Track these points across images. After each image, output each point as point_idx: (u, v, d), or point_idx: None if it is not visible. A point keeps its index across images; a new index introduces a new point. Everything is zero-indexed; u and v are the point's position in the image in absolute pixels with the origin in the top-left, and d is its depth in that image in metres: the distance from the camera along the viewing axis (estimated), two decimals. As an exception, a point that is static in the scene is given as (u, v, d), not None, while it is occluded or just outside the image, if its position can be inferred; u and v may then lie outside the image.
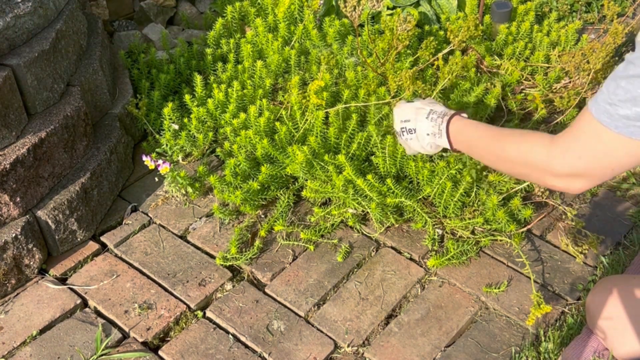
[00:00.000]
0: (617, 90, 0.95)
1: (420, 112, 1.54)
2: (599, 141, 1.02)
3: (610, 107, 0.97)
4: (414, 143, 1.58)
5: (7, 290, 1.58)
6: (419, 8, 2.28)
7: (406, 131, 1.57)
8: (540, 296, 1.43)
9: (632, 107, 0.94)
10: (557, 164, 1.11)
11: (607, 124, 0.99)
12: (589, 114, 1.02)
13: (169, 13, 2.57)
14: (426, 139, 1.53)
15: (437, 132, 1.49)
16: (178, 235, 1.74)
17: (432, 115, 1.51)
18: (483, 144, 1.36)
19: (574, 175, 1.10)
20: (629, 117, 0.95)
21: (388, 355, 1.44)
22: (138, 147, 2.00)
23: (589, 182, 1.10)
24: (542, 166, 1.14)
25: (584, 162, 1.07)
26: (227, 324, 1.51)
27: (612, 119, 0.98)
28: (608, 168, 1.06)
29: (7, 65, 1.53)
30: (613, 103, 0.96)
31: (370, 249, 1.68)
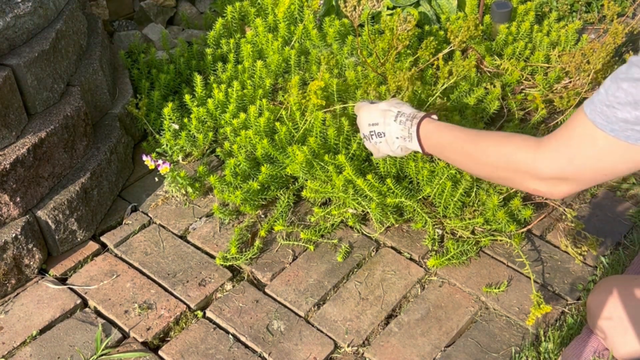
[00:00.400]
0: (618, 92, 0.92)
1: (387, 115, 1.45)
2: (592, 144, 0.98)
3: (608, 109, 0.93)
4: (384, 147, 1.49)
5: (7, 290, 1.58)
6: (419, 8, 2.28)
7: (375, 135, 1.48)
8: (540, 296, 1.43)
9: (633, 111, 0.90)
10: (544, 167, 1.06)
11: (603, 127, 0.95)
12: (584, 115, 0.98)
13: (169, 13, 2.57)
14: (396, 143, 1.45)
15: (407, 136, 1.41)
16: (178, 235, 1.74)
17: (400, 118, 1.42)
18: (458, 147, 1.28)
19: (561, 178, 1.05)
20: (628, 120, 0.91)
21: (388, 355, 1.44)
22: (138, 147, 2.00)
23: (575, 187, 1.06)
24: (526, 169, 1.09)
25: (575, 165, 1.02)
26: (227, 324, 1.51)
27: (608, 122, 0.94)
28: (599, 173, 1.02)
29: (7, 65, 1.53)
30: (611, 105, 0.93)
31: (370, 249, 1.68)
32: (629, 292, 1.34)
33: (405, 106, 1.46)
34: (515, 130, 1.91)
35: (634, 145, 0.93)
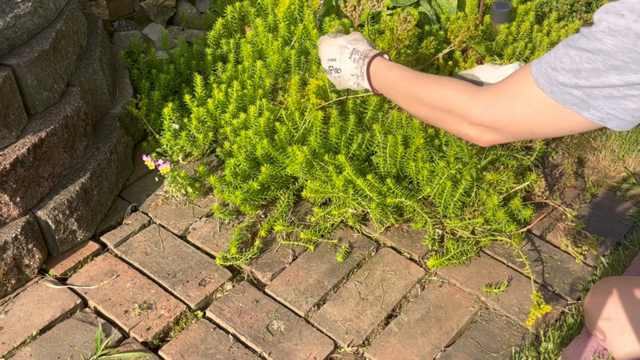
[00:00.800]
0: (564, 58, 0.94)
1: (344, 52, 1.46)
2: (528, 101, 1.01)
3: (552, 71, 0.96)
4: (342, 81, 1.51)
5: (7, 290, 1.58)
6: (419, 8, 2.28)
7: (333, 70, 1.50)
8: (540, 296, 1.43)
9: (573, 78, 0.93)
10: (478, 113, 1.08)
11: (544, 87, 0.97)
12: (529, 73, 1.00)
13: (169, 13, 2.57)
14: (351, 80, 1.47)
15: (360, 74, 1.43)
16: (178, 235, 1.74)
17: (354, 56, 1.43)
18: (403, 86, 1.30)
19: (491, 127, 1.08)
20: (567, 84, 0.94)
21: (388, 355, 1.44)
22: (138, 147, 2.00)
23: (502, 137, 1.09)
24: (461, 112, 1.11)
25: (507, 118, 1.05)
26: (227, 324, 1.51)
27: (549, 83, 0.96)
28: (529, 130, 1.05)
29: (7, 65, 1.53)
30: (556, 68, 0.95)
31: (370, 249, 1.68)
32: (627, 293, 1.34)
33: (361, 43, 1.47)
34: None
35: (568, 109, 0.96)
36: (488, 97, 1.08)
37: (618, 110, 0.92)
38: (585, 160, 1.95)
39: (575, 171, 1.91)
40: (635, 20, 0.84)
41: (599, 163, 1.93)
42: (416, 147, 1.71)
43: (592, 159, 1.95)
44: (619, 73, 0.89)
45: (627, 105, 0.91)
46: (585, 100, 0.93)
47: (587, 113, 0.94)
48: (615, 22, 0.87)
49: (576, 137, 2.02)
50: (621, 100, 0.91)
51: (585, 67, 0.91)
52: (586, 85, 0.92)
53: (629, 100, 0.91)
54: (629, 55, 0.86)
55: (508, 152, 1.82)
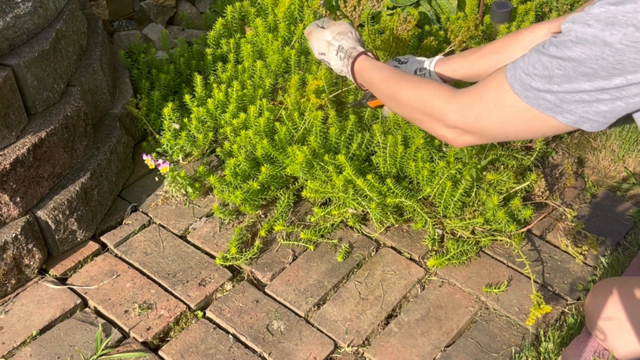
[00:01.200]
0: (537, 64, 0.98)
1: (330, 48, 1.51)
2: (501, 107, 1.04)
3: (526, 76, 0.99)
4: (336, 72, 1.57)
5: (7, 290, 1.58)
6: (419, 8, 2.28)
7: (325, 62, 1.56)
8: (540, 296, 1.43)
9: (545, 84, 0.97)
10: (454, 117, 1.12)
11: (518, 92, 1.01)
12: (504, 78, 1.03)
13: (169, 13, 2.57)
14: (342, 73, 1.52)
15: (347, 72, 1.48)
16: (178, 235, 1.74)
17: (340, 54, 1.49)
18: (383, 87, 1.35)
19: (466, 131, 1.12)
20: (540, 89, 0.98)
21: (388, 355, 1.44)
22: (138, 147, 2.00)
23: (477, 140, 1.13)
24: (438, 115, 1.15)
25: (481, 122, 1.09)
26: (227, 324, 1.51)
27: (524, 88, 1.00)
28: (502, 134, 1.09)
29: (7, 65, 1.53)
30: (529, 74, 0.99)
31: (370, 249, 1.68)
32: (627, 293, 1.34)
33: (346, 38, 1.50)
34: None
35: (542, 114, 1.00)
36: (463, 102, 1.12)
37: (590, 113, 0.96)
38: (585, 160, 1.95)
39: (575, 171, 1.91)
40: (601, 29, 0.88)
41: (599, 163, 1.93)
42: (416, 147, 1.71)
43: (592, 159, 1.95)
44: (588, 79, 0.92)
45: (599, 108, 0.95)
46: (558, 104, 0.97)
47: (560, 117, 0.98)
48: (583, 32, 0.90)
49: (576, 137, 2.02)
50: (593, 104, 0.94)
51: (557, 74, 0.95)
52: (558, 91, 0.96)
53: (600, 104, 0.94)
54: (597, 62, 0.90)
55: (508, 152, 1.82)
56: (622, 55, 0.87)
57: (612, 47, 0.88)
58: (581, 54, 0.91)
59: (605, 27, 0.88)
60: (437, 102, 1.16)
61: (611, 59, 0.88)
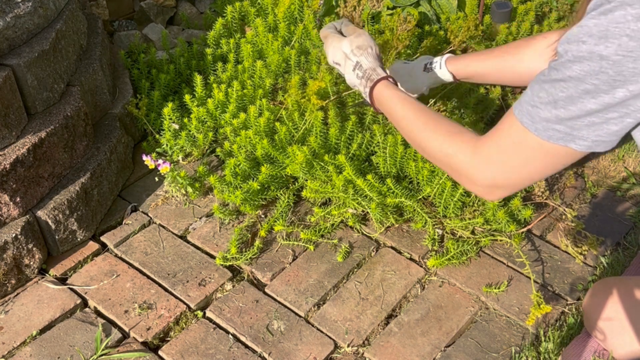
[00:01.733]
0: (540, 92, 0.97)
1: (347, 63, 1.44)
2: (519, 144, 1.03)
3: (532, 109, 0.99)
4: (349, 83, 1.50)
5: (7, 290, 1.58)
6: (419, 8, 2.28)
7: (338, 71, 1.51)
8: (540, 296, 1.43)
9: (552, 110, 0.96)
10: (479, 176, 1.11)
11: (528, 126, 1.00)
12: (512, 116, 1.03)
13: (169, 13, 2.57)
14: (354, 87, 1.47)
15: (363, 92, 1.42)
16: (178, 235, 1.74)
17: (357, 71, 1.42)
18: (405, 126, 1.30)
19: (495, 185, 1.11)
20: (549, 119, 0.97)
21: (388, 355, 1.44)
22: (138, 147, 2.00)
23: (508, 191, 1.11)
24: (464, 173, 1.14)
25: (506, 173, 1.08)
26: (227, 324, 1.51)
27: (533, 121, 0.99)
28: (528, 177, 1.07)
29: (7, 65, 1.53)
30: (535, 105, 0.98)
31: (370, 249, 1.68)
32: (627, 293, 1.34)
33: (366, 55, 1.43)
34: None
35: (555, 145, 0.98)
36: (483, 156, 1.10)
37: (602, 136, 0.95)
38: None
39: (575, 171, 1.91)
40: (595, 44, 0.88)
41: (599, 163, 1.93)
42: (416, 147, 1.71)
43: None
44: (592, 97, 0.91)
45: (610, 129, 0.94)
46: (569, 133, 0.96)
47: (573, 145, 0.97)
48: (578, 49, 0.90)
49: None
50: (603, 125, 0.93)
51: (561, 96, 0.94)
52: (566, 117, 0.95)
53: (610, 124, 0.93)
54: (597, 77, 0.89)
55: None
56: (621, 66, 0.87)
57: (609, 59, 0.87)
58: (580, 72, 0.90)
59: (599, 41, 0.87)
60: (461, 160, 1.14)
61: (610, 71, 0.88)
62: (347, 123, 1.78)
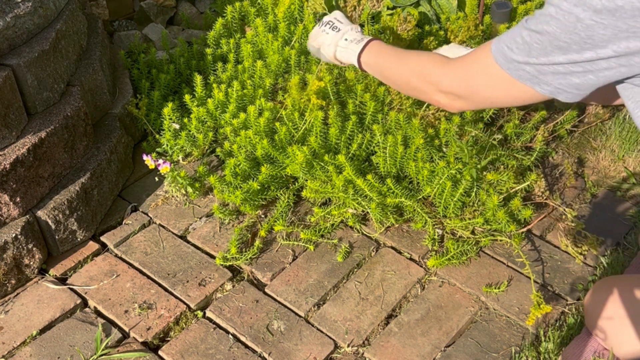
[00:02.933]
0: (518, 38, 1.06)
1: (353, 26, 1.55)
2: (487, 75, 1.14)
3: (508, 50, 1.08)
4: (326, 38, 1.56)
5: (7, 290, 1.58)
6: (419, 8, 2.28)
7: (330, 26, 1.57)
8: (540, 296, 1.43)
9: (525, 57, 1.05)
10: (446, 82, 1.22)
11: (501, 64, 1.09)
12: (489, 50, 1.12)
13: (169, 13, 2.57)
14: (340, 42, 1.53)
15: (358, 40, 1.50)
16: (178, 235, 1.74)
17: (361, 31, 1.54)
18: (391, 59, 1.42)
19: (458, 95, 1.21)
20: (520, 62, 1.06)
21: (388, 355, 1.44)
22: (138, 147, 2.00)
23: (468, 105, 1.23)
24: (434, 80, 1.25)
25: (469, 87, 1.18)
26: (227, 324, 1.51)
27: (505, 60, 1.08)
28: (488, 100, 1.19)
29: (7, 65, 1.53)
30: (511, 48, 1.07)
31: (370, 249, 1.68)
32: (628, 292, 1.34)
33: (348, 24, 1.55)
34: (515, 132, 1.91)
35: (521, 84, 1.08)
36: (454, 69, 1.22)
37: (564, 85, 1.04)
38: (585, 160, 1.95)
39: (575, 171, 1.91)
40: (575, 5, 0.95)
41: (599, 163, 1.93)
42: (416, 147, 1.71)
43: (592, 159, 1.95)
44: (563, 52, 1.00)
45: (572, 81, 1.03)
46: (536, 76, 1.06)
47: (538, 87, 1.07)
48: (558, 7, 0.98)
49: (576, 137, 2.02)
50: (567, 76, 1.03)
51: (535, 47, 1.03)
52: (536, 63, 1.04)
53: (573, 76, 1.02)
54: (570, 36, 0.97)
55: (508, 152, 1.82)
56: (592, 31, 0.94)
57: (584, 22, 0.94)
58: (556, 29, 0.98)
59: (578, 3, 0.94)
60: (434, 67, 1.26)
61: (582, 34, 0.96)
62: (347, 123, 1.78)
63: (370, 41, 1.48)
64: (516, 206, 1.64)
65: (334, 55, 1.54)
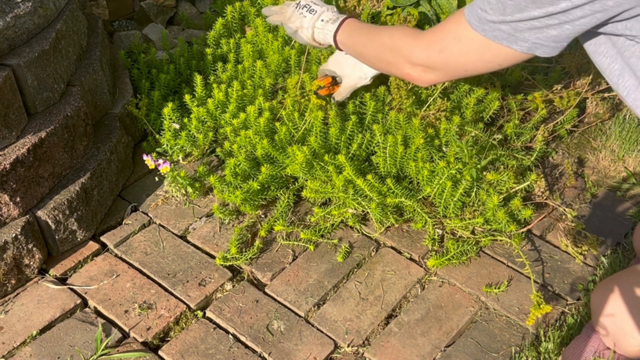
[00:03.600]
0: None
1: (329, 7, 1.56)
2: (460, 40, 1.13)
3: (482, 12, 1.08)
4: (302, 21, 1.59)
5: (7, 290, 1.58)
6: (419, 8, 2.28)
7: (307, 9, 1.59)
8: (540, 296, 1.43)
9: (500, 16, 1.05)
10: (417, 53, 1.21)
11: (475, 27, 1.09)
12: (462, 16, 1.12)
13: (169, 13, 2.57)
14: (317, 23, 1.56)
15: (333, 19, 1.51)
16: (178, 235, 1.74)
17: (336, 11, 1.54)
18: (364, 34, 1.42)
19: (429, 67, 1.20)
20: (495, 22, 1.07)
21: (388, 355, 1.44)
22: (138, 147, 2.00)
23: (440, 76, 1.22)
24: (405, 52, 1.24)
25: (443, 56, 1.17)
26: (227, 324, 1.51)
27: (480, 23, 1.09)
28: (462, 68, 1.17)
29: (7, 65, 1.53)
30: (484, 10, 1.07)
31: (370, 249, 1.68)
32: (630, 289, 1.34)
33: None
34: (515, 132, 1.91)
35: (497, 44, 1.08)
36: (426, 39, 1.21)
37: (542, 39, 1.05)
38: (585, 160, 1.95)
39: (575, 171, 1.91)
40: None
41: (599, 163, 1.93)
42: (416, 147, 1.71)
43: (592, 159, 1.95)
44: (538, 6, 1.01)
45: (550, 33, 1.04)
46: (512, 34, 1.06)
47: (515, 45, 1.07)
48: None
49: (576, 137, 2.02)
50: (543, 29, 1.03)
51: (509, 4, 1.03)
52: (511, 20, 1.04)
53: (550, 29, 1.03)
54: None
55: (508, 152, 1.82)
56: None
57: None
58: None
59: None
60: (405, 40, 1.25)
61: None
62: (347, 123, 1.78)
63: (346, 19, 1.47)
64: (516, 206, 1.64)
65: (312, 37, 1.55)
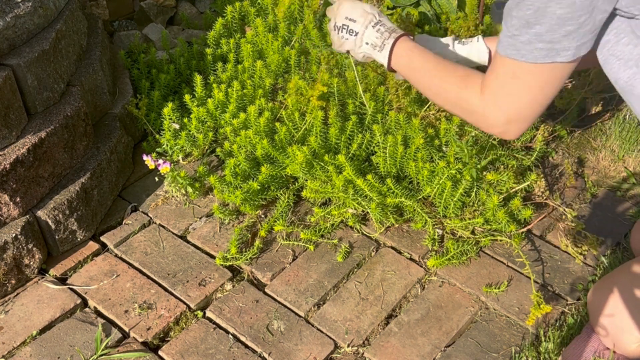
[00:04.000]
0: (512, 21, 1.02)
1: (368, 18, 1.41)
2: (515, 77, 1.07)
3: (512, 39, 1.03)
4: (349, 44, 1.44)
5: (7, 290, 1.58)
6: (419, 8, 2.28)
7: (347, 30, 1.43)
8: (540, 296, 1.43)
9: (528, 30, 1.00)
10: (492, 116, 1.14)
11: (514, 56, 1.04)
12: (498, 55, 1.07)
13: (169, 13, 2.57)
14: (362, 48, 1.41)
15: (380, 45, 1.39)
16: (178, 235, 1.74)
17: (379, 27, 1.39)
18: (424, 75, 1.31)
19: (508, 122, 1.14)
20: (530, 41, 1.01)
21: (388, 355, 1.44)
22: (138, 147, 2.00)
23: (523, 125, 1.15)
24: (480, 116, 1.17)
25: (514, 106, 1.11)
26: (227, 324, 1.51)
27: (516, 50, 1.04)
28: (534, 104, 1.10)
29: (7, 65, 1.53)
30: (512, 35, 1.03)
31: (370, 249, 1.68)
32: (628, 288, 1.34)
33: (385, 18, 1.43)
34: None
35: (543, 65, 1.03)
36: (490, 98, 1.13)
37: (581, 40, 1.00)
38: (585, 160, 1.95)
39: (575, 171, 1.91)
40: None
41: (599, 163, 1.93)
42: (416, 147, 1.71)
43: (592, 159, 1.95)
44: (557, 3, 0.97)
45: (586, 29, 0.99)
46: (550, 48, 1.01)
47: (559, 57, 1.02)
48: None
49: (576, 137, 2.02)
50: (579, 30, 0.99)
51: (529, 14, 0.99)
52: (542, 32, 1.00)
53: (584, 27, 0.99)
54: None
55: (508, 152, 1.82)
56: None
57: None
58: None
59: None
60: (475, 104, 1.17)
61: None
62: (347, 123, 1.78)
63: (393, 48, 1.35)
64: (516, 206, 1.64)
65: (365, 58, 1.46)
